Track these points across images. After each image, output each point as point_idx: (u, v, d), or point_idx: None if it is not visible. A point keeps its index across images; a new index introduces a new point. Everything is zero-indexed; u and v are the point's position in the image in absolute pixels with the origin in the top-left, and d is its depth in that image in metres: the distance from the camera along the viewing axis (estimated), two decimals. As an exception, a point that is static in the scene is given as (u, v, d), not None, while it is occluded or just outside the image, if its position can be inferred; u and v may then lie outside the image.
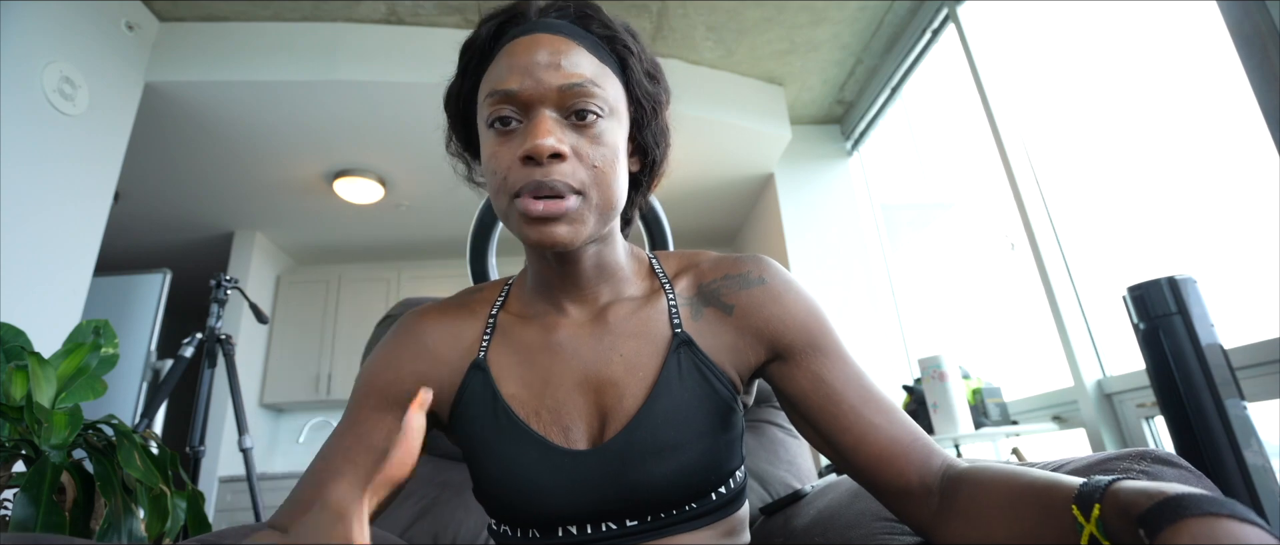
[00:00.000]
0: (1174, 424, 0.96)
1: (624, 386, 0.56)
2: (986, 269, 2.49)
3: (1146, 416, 1.65)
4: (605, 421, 0.56)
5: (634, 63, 0.56)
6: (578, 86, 0.51)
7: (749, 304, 0.58)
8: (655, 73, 0.59)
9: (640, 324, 0.58)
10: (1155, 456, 0.46)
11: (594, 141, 0.52)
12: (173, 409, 2.65)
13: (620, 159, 0.54)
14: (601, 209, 0.53)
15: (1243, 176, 1.47)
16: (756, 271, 0.60)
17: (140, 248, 3.78)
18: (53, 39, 1.99)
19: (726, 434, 0.57)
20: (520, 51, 0.52)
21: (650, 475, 0.53)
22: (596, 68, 0.53)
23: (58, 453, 0.82)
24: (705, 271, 0.62)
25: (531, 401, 0.57)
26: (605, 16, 0.57)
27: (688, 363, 0.56)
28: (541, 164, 0.50)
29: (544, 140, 0.49)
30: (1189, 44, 1.57)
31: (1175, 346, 0.95)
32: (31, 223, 1.89)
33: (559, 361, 0.57)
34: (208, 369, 1.94)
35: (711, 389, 0.56)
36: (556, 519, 0.54)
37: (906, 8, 2.57)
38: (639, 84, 0.57)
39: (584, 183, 0.51)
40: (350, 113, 2.67)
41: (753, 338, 0.58)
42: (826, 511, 0.70)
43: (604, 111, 0.53)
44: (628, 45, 0.56)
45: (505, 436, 0.56)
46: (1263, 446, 0.89)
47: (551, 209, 0.50)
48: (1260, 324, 1.34)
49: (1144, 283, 1.00)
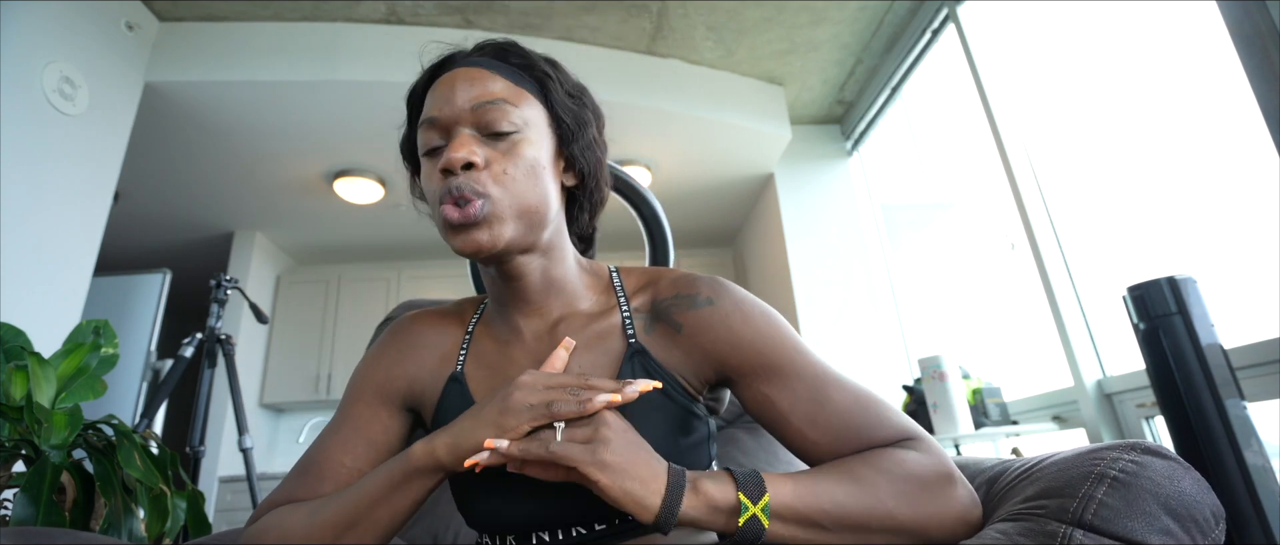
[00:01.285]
0: (1174, 424, 0.96)
1: None
2: (986, 269, 2.49)
3: (1146, 416, 1.65)
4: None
5: (553, 85, 0.62)
6: (489, 104, 0.57)
7: (696, 324, 0.59)
8: (579, 95, 0.64)
9: (595, 337, 0.60)
10: (1144, 447, 0.47)
11: (508, 154, 0.56)
12: (173, 409, 2.66)
13: (540, 171, 0.58)
14: (520, 214, 0.56)
15: (1243, 176, 1.47)
16: (706, 293, 0.61)
17: (140, 248, 3.78)
18: (53, 39, 1.99)
19: (686, 438, 0.58)
20: (442, 85, 0.59)
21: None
22: (511, 90, 0.59)
23: (58, 453, 0.82)
24: (661, 289, 0.63)
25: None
26: (523, 50, 0.62)
27: (641, 371, 0.58)
28: (457, 174, 0.55)
29: (456, 152, 0.54)
30: (1189, 44, 1.57)
31: (1175, 346, 0.95)
32: (31, 223, 1.89)
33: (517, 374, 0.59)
34: (208, 369, 1.94)
35: (666, 395, 0.58)
36: (527, 526, 0.56)
37: (906, 8, 2.57)
38: (560, 103, 0.61)
39: (496, 190, 0.55)
40: (350, 113, 2.67)
41: (700, 357, 0.59)
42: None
43: (519, 127, 0.58)
44: (546, 71, 0.62)
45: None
46: (1263, 446, 0.89)
47: (465, 215, 0.54)
48: (1260, 324, 1.34)
49: (1144, 283, 1.00)
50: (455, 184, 0.54)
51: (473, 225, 0.54)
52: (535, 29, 2.66)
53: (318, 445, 0.61)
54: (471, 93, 0.57)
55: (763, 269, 3.64)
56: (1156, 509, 0.43)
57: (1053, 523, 0.44)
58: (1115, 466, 0.45)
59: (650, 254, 1.41)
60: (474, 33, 2.63)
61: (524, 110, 0.59)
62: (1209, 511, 0.44)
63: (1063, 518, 0.44)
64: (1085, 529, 0.43)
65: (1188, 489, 0.44)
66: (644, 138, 3.02)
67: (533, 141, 0.58)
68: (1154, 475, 0.44)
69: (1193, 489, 0.44)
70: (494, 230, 0.55)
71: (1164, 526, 0.42)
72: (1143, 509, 0.43)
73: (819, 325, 3.06)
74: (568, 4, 2.52)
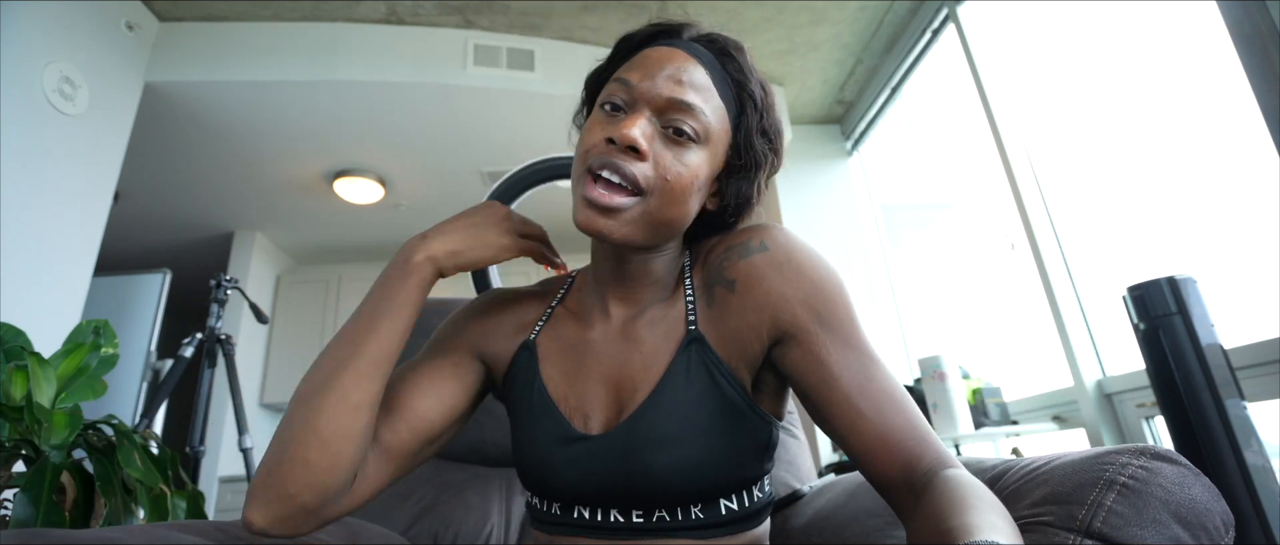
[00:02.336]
0: (1174, 424, 0.96)
1: (639, 381, 0.58)
2: (986, 269, 2.49)
3: (1146, 416, 1.65)
4: (620, 413, 0.58)
5: (752, 116, 0.58)
6: (682, 104, 0.54)
7: (749, 275, 0.57)
8: (774, 139, 0.60)
9: (663, 323, 0.60)
10: (1153, 452, 0.45)
11: (677, 157, 0.54)
12: (173, 409, 2.65)
13: (696, 186, 0.56)
14: (658, 222, 0.55)
15: (1243, 176, 1.47)
16: (758, 238, 0.58)
17: (140, 248, 3.78)
18: (53, 39, 1.99)
19: (734, 439, 0.56)
20: (654, 57, 0.57)
21: (650, 465, 0.54)
22: (711, 99, 0.56)
23: (58, 453, 0.82)
24: (715, 250, 0.61)
25: (563, 386, 0.61)
26: (747, 63, 0.59)
27: (697, 360, 0.57)
28: (620, 150, 0.53)
29: (631, 129, 0.52)
30: (1189, 44, 1.57)
31: (1175, 346, 0.95)
32: (31, 223, 1.89)
33: (589, 356, 0.61)
34: (208, 369, 1.94)
35: (718, 389, 0.56)
36: (570, 498, 0.58)
37: (906, 8, 2.57)
38: (747, 136, 0.58)
39: (650, 184, 0.53)
40: (350, 113, 2.67)
41: (754, 317, 0.56)
42: (823, 511, 0.70)
43: (698, 137, 0.55)
44: (753, 96, 0.58)
45: (536, 413, 0.60)
46: (1263, 446, 0.89)
47: (605, 198, 0.53)
48: (1260, 324, 1.34)
49: (1144, 283, 1.00)
50: (613, 160, 0.53)
51: (607, 211, 0.53)
52: (535, 29, 2.66)
53: (391, 387, 0.61)
54: (674, 84, 0.55)
55: (763, 269, 3.64)
56: (1167, 517, 0.42)
57: (1061, 532, 0.43)
58: (1125, 472, 0.44)
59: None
60: (473, 33, 2.62)
61: (711, 122, 0.56)
62: (1219, 519, 0.42)
63: (1070, 525, 0.43)
64: (1094, 538, 0.42)
65: (1199, 497, 0.43)
66: (644, 138, 3.02)
67: (702, 156, 0.56)
68: (1165, 482, 0.43)
69: (1204, 497, 0.43)
70: (623, 228, 0.54)
71: (1174, 535, 0.41)
72: (1153, 517, 0.42)
73: (819, 325, 3.05)
74: (568, 4, 2.51)
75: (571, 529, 0.58)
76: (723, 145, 0.58)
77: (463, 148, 2.99)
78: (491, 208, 0.64)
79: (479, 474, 1.01)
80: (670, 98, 0.54)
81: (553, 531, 0.60)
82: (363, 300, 0.58)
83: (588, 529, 0.57)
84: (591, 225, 0.54)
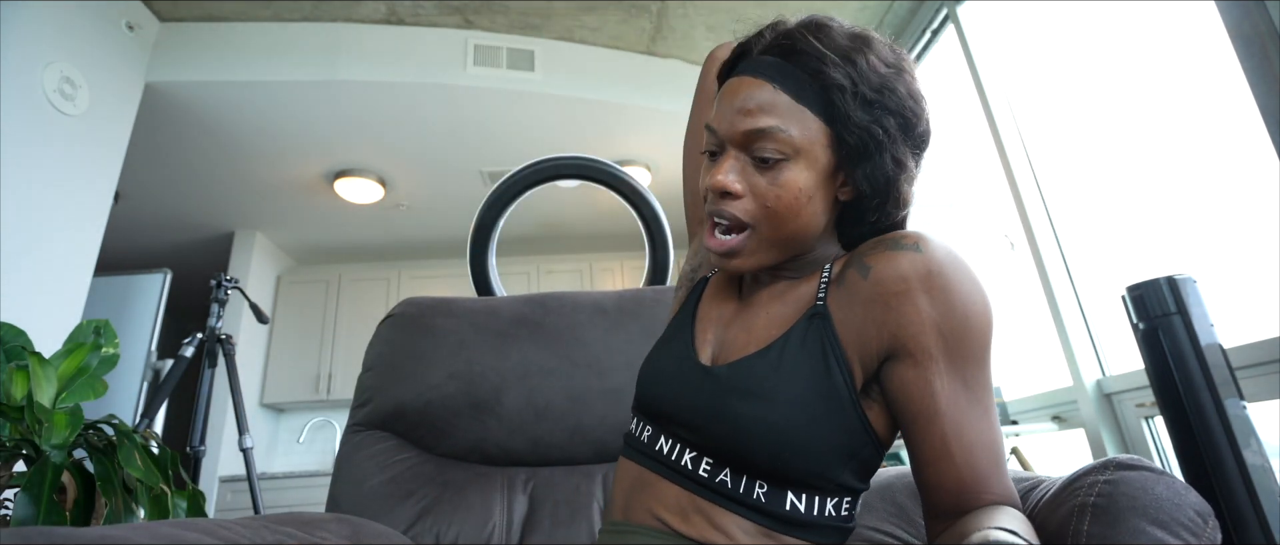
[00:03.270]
0: (1173, 424, 0.96)
1: (758, 336, 0.61)
2: (986, 269, 2.49)
3: (1146, 416, 1.65)
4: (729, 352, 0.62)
5: (842, 98, 0.54)
6: (759, 131, 0.56)
7: (888, 270, 0.53)
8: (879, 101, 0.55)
9: (795, 293, 0.62)
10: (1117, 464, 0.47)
11: (773, 182, 0.56)
12: (173, 409, 2.65)
13: (804, 198, 0.56)
14: (776, 242, 0.59)
15: (1243, 176, 1.47)
16: (913, 239, 0.54)
17: (140, 248, 3.78)
18: (53, 39, 1.99)
19: (825, 425, 0.53)
20: (727, 94, 0.60)
21: (734, 411, 0.56)
22: (788, 109, 0.55)
23: (58, 452, 0.82)
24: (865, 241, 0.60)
25: (704, 322, 0.68)
26: (818, 51, 0.55)
27: (814, 334, 0.56)
28: (719, 197, 0.58)
29: (718, 177, 0.57)
30: (1189, 44, 1.58)
31: (1175, 346, 0.95)
32: (32, 223, 1.89)
33: (733, 307, 0.67)
34: (208, 369, 1.94)
35: (826, 367, 0.54)
36: (661, 417, 0.62)
37: (906, 8, 2.57)
38: (845, 119, 0.54)
39: (755, 218, 0.57)
40: (350, 113, 2.67)
41: (880, 315, 0.53)
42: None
43: (787, 154, 0.56)
44: (836, 81, 0.54)
45: (678, 333, 0.68)
46: (1262, 446, 0.89)
47: (723, 245, 0.59)
48: (1260, 324, 1.34)
49: (1143, 283, 1.00)
50: (716, 207, 0.59)
51: (726, 255, 0.59)
52: (535, 29, 2.66)
53: None
54: (745, 118, 0.56)
55: (763, 269, 3.64)
56: (1141, 523, 0.43)
57: None
58: (1092, 493, 0.46)
59: (650, 254, 1.41)
60: (473, 33, 2.62)
61: (798, 132, 0.55)
62: (1192, 512, 0.43)
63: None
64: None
65: (1163, 494, 0.44)
66: (644, 138, 3.02)
67: (803, 167, 0.56)
68: (1129, 490, 0.44)
69: (1167, 493, 0.44)
70: (747, 261, 0.60)
71: (1153, 538, 0.42)
72: (1128, 528, 0.43)
73: (819, 325, 3.05)
74: (568, 4, 2.52)
75: (650, 460, 0.62)
76: (821, 146, 0.56)
77: (463, 148, 2.99)
78: None
79: (481, 473, 1.01)
80: (744, 131, 0.56)
81: (635, 458, 0.64)
82: None
83: (662, 464, 0.60)
84: (728, 267, 0.60)
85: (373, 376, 1.05)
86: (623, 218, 1.50)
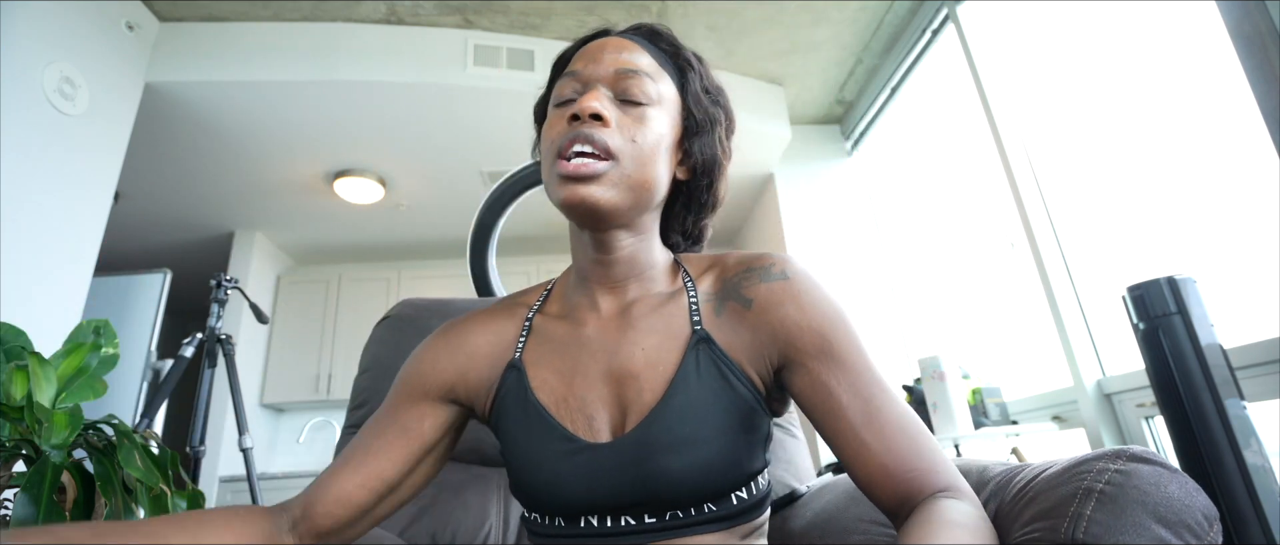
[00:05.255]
0: (1173, 424, 0.96)
1: (644, 380, 0.57)
2: (986, 269, 2.49)
3: (1146, 416, 1.65)
4: (625, 414, 0.57)
5: (693, 77, 0.63)
6: (630, 72, 0.59)
7: (768, 299, 0.58)
8: (716, 95, 0.65)
9: (662, 320, 0.60)
10: (1130, 455, 0.46)
11: (639, 122, 0.58)
12: (173, 409, 2.65)
13: (661, 148, 0.59)
14: (633, 183, 0.56)
15: (1243, 176, 1.47)
16: (779, 266, 0.60)
17: (140, 248, 3.78)
18: (53, 39, 1.99)
19: (747, 435, 0.57)
20: (591, 48, 0.62)
21: (667, 469, 0.54)
22: (653, 67, 0.61)
23: (58, 452, 0.82)
24: (729, 267, 0.63)
25: (560, 390, 0.60)
26: (674, 39, 0.65)
27: (706, 359, 0.57)
28: (584, 121, 0.55)
29: (590, 101, 0.56)
30: (1189, 44, 1.57)
31: (1175, 346, 0.95)
32: (32, 223, 1.89)
33: (586, 355, 0.60)
34: (208, 369, 1.94)
35: (729, 387, 0.56)
36: (578, 509, 0.56)
37: (906, 8, 2.57)
38: (695, 96, 0.62)
39: (619, 149, 0.56)
40: (350, 113, 2.67)
41: (768, 336, 0.57)
42: (824, 514, 0.70)
43: (652, 99, 0.59)
44: (689, 60, 0.64)
45: (534, 430, 0.59)
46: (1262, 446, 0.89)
47: (582, 168, 0.54)
48: (1260, 324, 1.34)
49: (1144, 283, 1.00)
50: (582, 130, 0.55)
51: (585, 179, 0.54)
52: (535, 29, 2.66)
53: (356, 437, 0.62)
54: (618, 58, 0.60)
55: (763, 269, 3.64)
56: (1146, 519, 0.42)
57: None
58: (1101, 479, 0.45)
59: (650, 254, 1.41)
60: (473, 33, 2.63)
61: (661, 87, 0.60)
62: (1200, 514, 0.43)
63: (1056, 539, 0.43)
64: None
65: (1175, 494, 0.43)
66: (644, 138, 3.02)
67: (660, 119, 0.59)
68: (1140, 483, 0.44)
69: (1180, 493, 0.43)
70: (608, 193, 0.55)
71: (1156, 536, 0.41)
72: (1133, 521, 0.42)
73: (819, 325, 3.05)
74: (568, 4, 2.52)
75: (579, 538, 0.57)
76: (675, 108, 0.62)
77: (463, 148, 2.99)
78: None
79: (478, 475, 1.01)
80: (618, 69, 0.59)
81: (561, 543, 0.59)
82: None
83: (597, 536, 0.56)
84: (575, 196, 0.54)
85: (369, 378, 1.05)
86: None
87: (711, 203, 0.66)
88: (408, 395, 0.63)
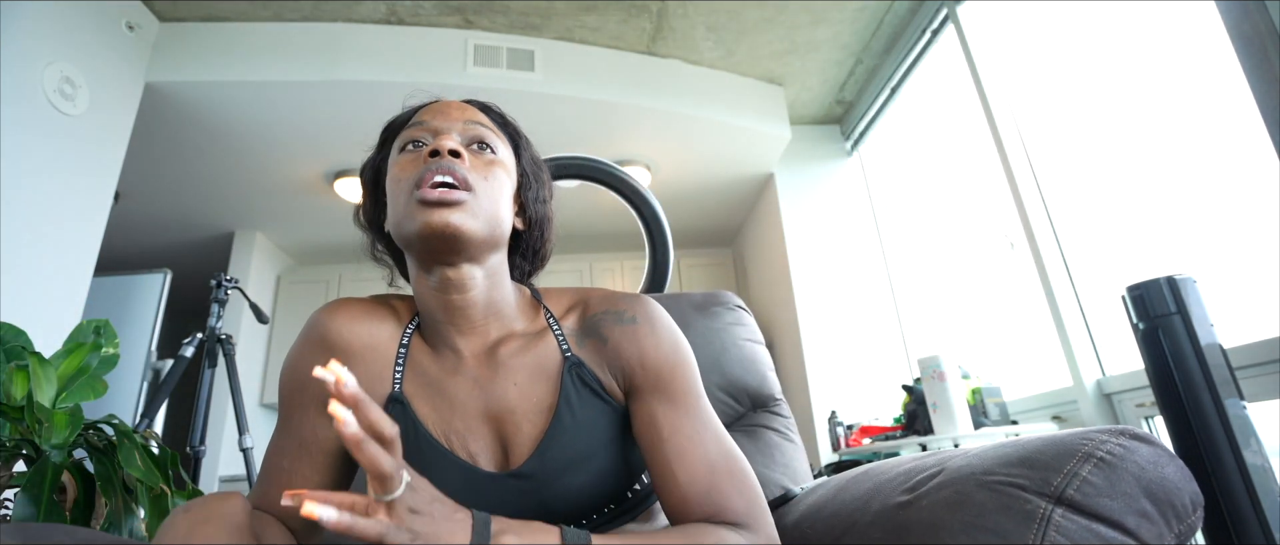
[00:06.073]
0: (1173, 424, 0.96)
1: (521, 414, 0.60)
2: (986, 269, 2.49)
3: (1146, 416, 1.66)
4: (507, 448, 0.60)
5: (524, 144, 0.71)
6: (478, 125, 0.65)
7: (619, 339, 0.63)
8: (542, 166, 0.73)
9: (532, 356, 0.63)
10: (1133, 434, 0.48)
11: (488, 164, 0.63)
12: (173, 409, 2.65)
13: (506, 192, 0.64)
14: (488, 216, 0.60)
15: (1243, 176, 1.47)
16: (631, 311, 0.65)
17: (140, 248, 3.78)
18: (53, 39, 1.99)
19: (626, 440, 0.63)
20: (437, 106, 0.67)
21: (567, 488, 0.58)
22: (495, 128, 0.67)
23: (58, 452, 0.82)
24: (591, 306, 0.67)
25: (441, 426, 0.60)
26: (503, 111, 0.72)
27: (580, 381, 0.62)
28: (444, 157, 0.58)
29: (446, 141, 0.59)
30: (1189, 44, 1.58)
31: (1174, 346, 0.95)
32: (31, 223, 1.89)
33: (462, 392, 0.61)
34: (208, 369, 1.94)
35: (603, 401, 0.62)
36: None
37: (906, 8, 2.57)
38: (529, 159, 0.70)
39: (475, 184, 0.59)
40: (350, 113, 2.67)
41: (618, 371, 0.63)
42: (815, 504, 0.72)
43: (496, 151, 0.65)
44: (519, 130, 0.72)
45: (429, 463, 0.58)
46: (1262, 446, 0.89)
47: (447, 195, 0.57)
48: (1260, 324, 1.34)
49: (1143, 282, 1.00)
50: (443, 163, 0.58)
51: (449, 205, 0.57)
52: (535, 29, 2.66)
53: (267, 454, 0.62)
54: (464, 113, 0.65)
55: (763, 269, 3.64)
56: (1137, 491, 0.44)
57: (1032, 496, 0.45)
58: (1103, 448, 0.46)
59: (650, 254, 1.42)
60: (473, 33, 2.63)
61: (501, 146, 0.66)
62: (1188, 498, 0.45)
63: (1044, 491, 0.45)
64: (1066, 506, 0.44)
65: (1171, 475, 0.45)
66: (644, 138, 3.02)
67: (503, 170, 0.64)
68: (1140, 460, 0.46)
69: (1175, 476, 0.45)
70: (465, 218, 0.57)
71: (1141, 508, 0.44)
72: (1124, 490, 0.44)
73: (819, 325, 3.06)
74: (568, 4, 2.52)
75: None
76: (512, 166, 0.67)
77: (463, 148, 2.99)
78: None
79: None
80: (466, 121, 0.64)
81: None
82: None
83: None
84: (440, 219, 0.56)
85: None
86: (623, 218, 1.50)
87: (544, 254, 0.73)
88: (297, 406, 0.61)
